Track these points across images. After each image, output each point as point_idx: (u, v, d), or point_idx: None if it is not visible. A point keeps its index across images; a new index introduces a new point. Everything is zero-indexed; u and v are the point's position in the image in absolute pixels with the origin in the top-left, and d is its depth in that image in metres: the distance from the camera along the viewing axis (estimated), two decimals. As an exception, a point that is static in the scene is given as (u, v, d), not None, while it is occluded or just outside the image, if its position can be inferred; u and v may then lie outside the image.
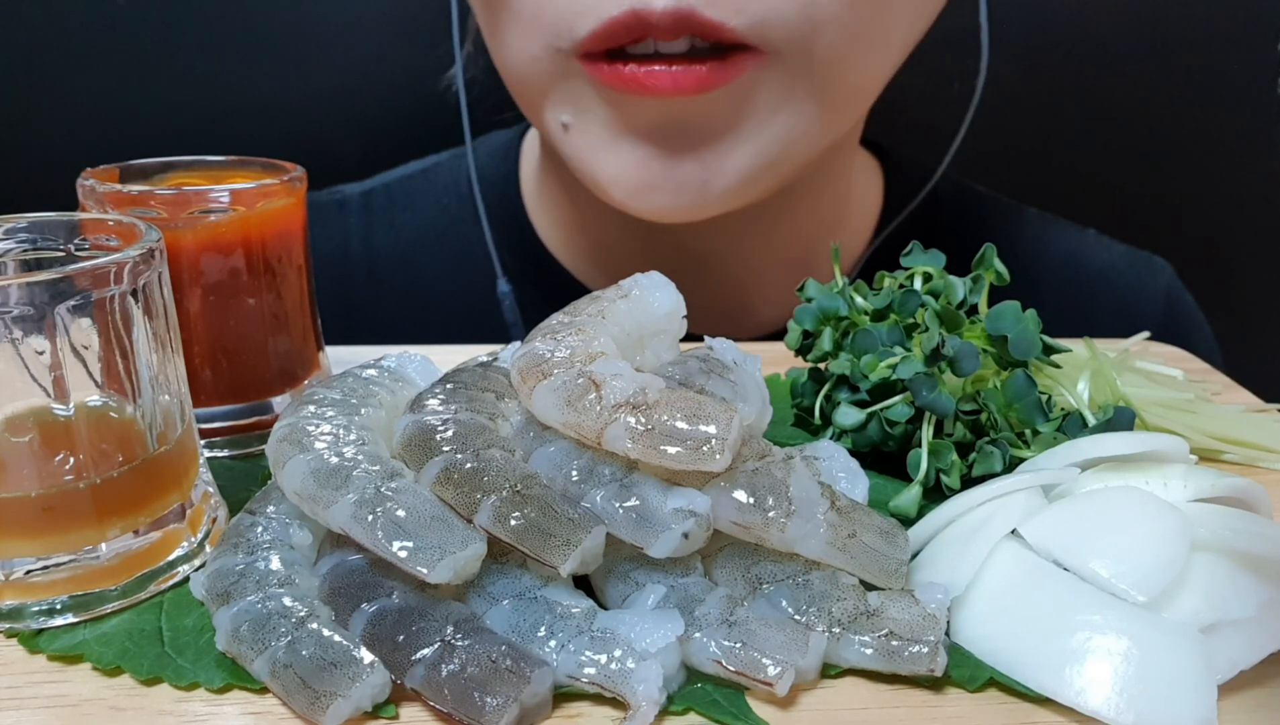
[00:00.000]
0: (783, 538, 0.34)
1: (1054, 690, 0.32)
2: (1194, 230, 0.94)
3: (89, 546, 0.35)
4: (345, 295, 0.75)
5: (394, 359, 0.45)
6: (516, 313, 0.71)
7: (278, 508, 0.38)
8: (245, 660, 0.33)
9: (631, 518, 0.34)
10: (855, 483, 0.41)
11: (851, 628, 0.33)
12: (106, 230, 0.39)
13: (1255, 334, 0.98)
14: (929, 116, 0.72)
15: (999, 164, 0.85)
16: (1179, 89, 0.90)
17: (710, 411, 0.35)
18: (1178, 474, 0.38)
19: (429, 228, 0.76)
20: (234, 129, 0.84)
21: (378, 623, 0.33)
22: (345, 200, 0.77)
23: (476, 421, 0.38)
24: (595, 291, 0.43)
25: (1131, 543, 0.34)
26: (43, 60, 0.81)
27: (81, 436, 0.35)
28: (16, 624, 0.35)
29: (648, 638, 0.32)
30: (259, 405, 0.48)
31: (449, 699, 0.31)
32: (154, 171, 0.49)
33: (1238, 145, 0.92)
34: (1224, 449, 0.48)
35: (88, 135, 0.83)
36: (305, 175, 0.48)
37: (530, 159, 0.74)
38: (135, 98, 0.83)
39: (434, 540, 0.33)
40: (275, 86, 0.84)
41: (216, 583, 0.35)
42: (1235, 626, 0.33)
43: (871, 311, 0.48)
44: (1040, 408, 0.44)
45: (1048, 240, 0.78)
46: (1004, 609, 0.35)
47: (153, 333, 0.37)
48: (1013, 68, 0.84)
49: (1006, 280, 0.47)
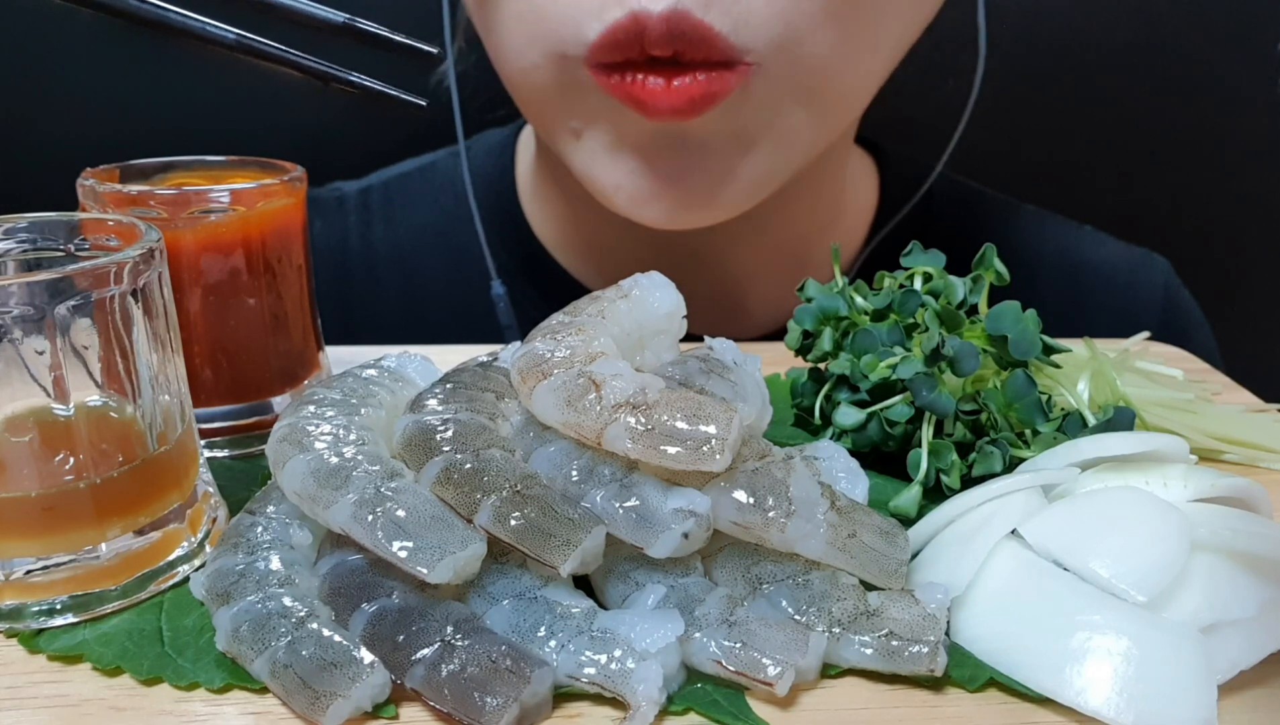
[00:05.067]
0: (783, 538, 0.34)
1: (1054, 690, 0.32)
2: (1194, 231, 0.94)
3: (89, 546, 0.35)
4: (344, 292, 0.75)
5: (394, 359, 0.45)
6: (511, 316, 0.71)
7: (278, 508, 0.38)
8: (245, 660, 0.33)
9: (631, 518, 0.34)
10: (855, 483, 0.41)
11: (851, 628, 0.33)
12: (106, 230, 0.39)
13: (1255, 334, 0.98)
14: (924, 113, 0.72)
15: (995, 161, 0.85)
16: (1178, 87, 0.90)
17: (710, 411, 0.35)
18: (1178, 474, 0.38)
19: (427, 226, 0.77)
20: (234, 129, 0.84)
21: (378, 623, 0.33)
22: (344, 197, 0.78)
23: (476, 421, 0.38)
24: (595, 291, 0.43)
25: (1131, 543, 0.34)
26: (43, 60, 0.81)
27: (81, 436, 0.35)
28: (16, 624, 0.35)
29: (648, 638, 0.32)
30: (259, 405, 0.48)
31: (449, 699, 0.31)
32: (154, 171, 0.49)
33: (1237, 145, 0.92)
34: (1224, 449, 0.48)
35: (88, 135, 0.83)
36: (305, 175, 0.48)
37: (526, 157, 0.74)
38: (135, 98, 0.83)
39: (434, 540, 0.33)
40: (275, 86, 0.84)
41: (216, 583, 0.35)
42: (1235, 626, 0.33)
43: (871, 311, 0.48)
44: (1040, 408, 0.44)
45: (1045, 237, 0.78)
46: (1004, 609, 0.35)
47: (153, 333, 0.37)
48: (1010, 64, 0.84)
49: (1006, 280, 0.47)
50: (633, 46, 0.51)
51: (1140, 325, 0.57)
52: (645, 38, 0.50)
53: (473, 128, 0.73)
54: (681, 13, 0.49)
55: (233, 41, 0.73)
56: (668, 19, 0.49)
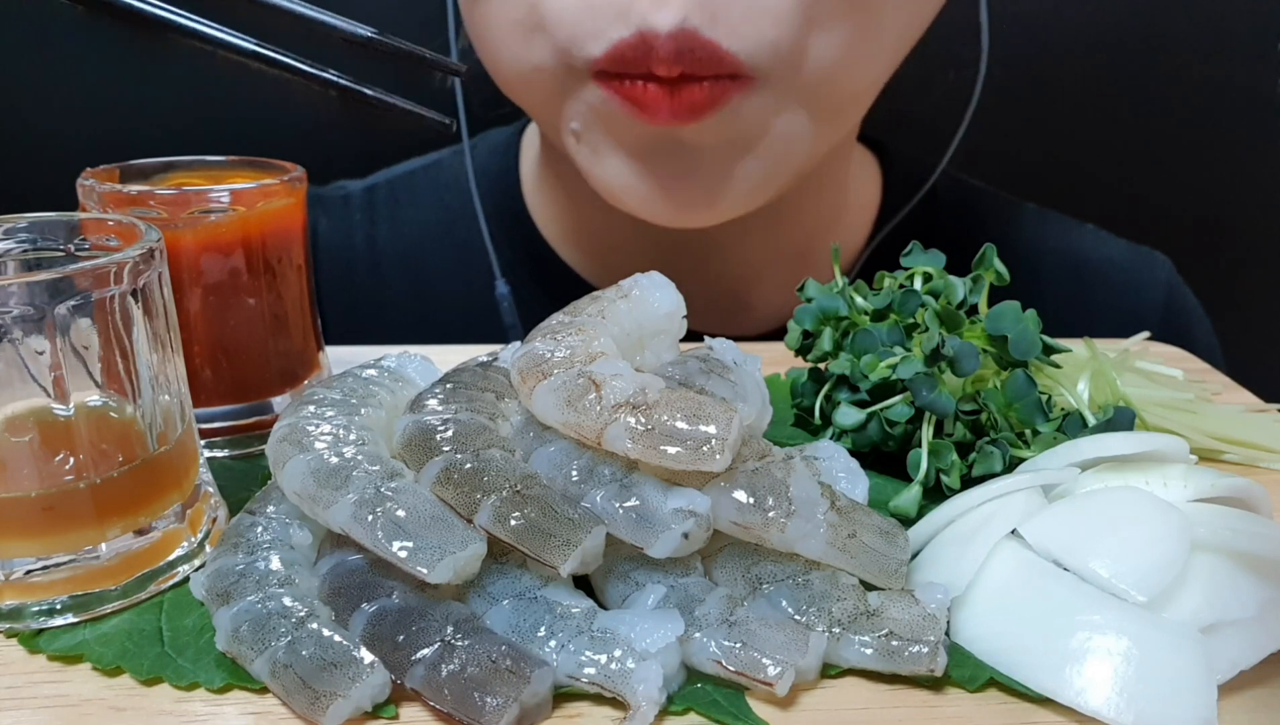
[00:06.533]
0: (783, 538, 0.34)
1: (1054, 690, 0.32)
2: (1194, 231, 0.94)
3: (89, 546, 0.35)
4: (349, 291, 0.75)
5: (394, 359, 0.45)
6: (515, 315, 0.71)
7: (278, 508, 0.38)
8: (245, 660, 0.33)
9: (631, 518, 0.34)
10: (855, 483, 0.41)
11: (851, 628, 0.33)
12: (106, 230, 0.39)
13: (1255, 334, 0.98)
14: (927, 111, 0.72)
15: (997, 160, 0.85)
16: (1179, 85, 0.89)
17: (710, 411, 0.35)
18: (1178, 474, 0.38)
19: (431, 225, 0.77)
20: (234, 129, 0.84)
21: (378, 623, 0.33)
22: (349, 195, 0.78)
23: (476, 421, 0.38)
24: (596, 291, 0.43)
25: (1131, 543, 0.34)
26: (43, 60, 0.81)
27: (81, 436, 0.35)
28: (16, 624, 0.35)
29: (648, 638, 0.32)
30: (259, 405, 0.48)
31: (449, 699, 0.31)
32: (154, 171, 0.49)
33: (1239, 143, 0.92)
34: (1224, 449, 0.48)
35: (88, 135, 0.83)
36: (305, 175, 0.48)
37: (530, 154, 0.74)
38: (135, 98, 0.83)
39: (434, 540, 0.33)
40: (275, 86, 0.84)
41: (216, 583, 0.35)
42: (1235, 626, 0.33)
43: (871, 311, 0.48)
44: (1040, 408, 0.44)
45: (1046, 235, 0.78)
46: (1004, 609, 0.35)
47: (153, 333, 0.37)
48: (1012, 63, 0.84)
49: (1007, 280, 0.47)
50: (639, 65, 0.50)
51: (1142, 323, 0.58)
52: (653, 56, 0.50)
53: (476, 124, 0.73)
54: (689, 31, 0.49)
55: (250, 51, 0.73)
56: (675, 37, 0.49)
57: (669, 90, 0.51)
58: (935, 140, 0.72)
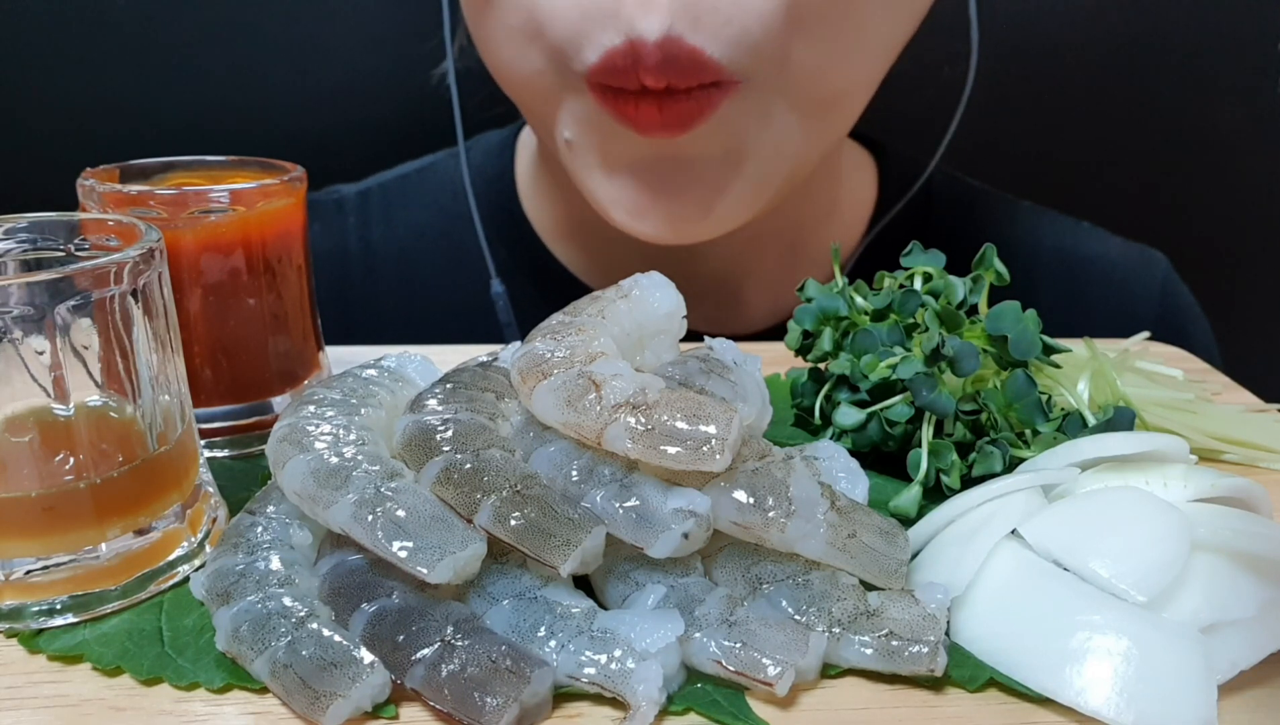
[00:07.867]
0: (783, 538, 0.34)
1: (1054, 690, 0.32)
2: (1193, 231, 0.94)
3: (89, 546, 0.35)
4: (344, 295, 0.75)
5: (394, 359, 0.45)
6: (510, 313, 0.71)
7: (278, 508, 0.38)
8: (245, 660, 0.33)
9: (631, 518, 0.34)
10: (855, 483, 0.41)
11: (851, 628, 0.33)
12: (106, 230, 0.39)
13: (1255, 334, 0.98)
14: (921, 108, 0.72)
15: (993, 158, 0.85)
16: (1177, 83, 0.90)
17: (710, 411, 0.35)
18: (1178, 474, 0.38)
19: (426, 227, 0.77)
20: (234, 129, 0.84)
21: (378, 623, 0.33)
22: (343, 200, 0.78)
23: (476, 421, 0.38)
24: (595, 291, 0.43)
25: (1131, 543, 0.34)
26: (43, 60, 0.81)
27: (81, 436, 0.35)
28: (16, 624, 0.35)
29: (648, 638, 0.32)
30: (259, 405, 0.48)
31: (449, 699, 0.31)
32: (154, 171, 0.49)
33: (1237, 142, 0.92)
34: (1224, 449, 0.48)
35: (88, 135, 0.83)
36: (305, 175, 0.48)
37: (526, 156, 0.74)
38: (135, 98, 0.83)
39: (434, 540, 0.33)
40: (274, 86, 0.84)
41: (216, 583, 0.35)
42: (1235, 626, 0.33)
43: (871, 311, 0.48)
44: (1040, 408, 0.44)
45: (1042, 233, 0.78)
46: (1004, 609, 0.35)
47: (153, 333, 0.37)
48: (1007, 61, 0.84)
49: (1006, 281, 0.47)
50: (629, 75, 0.51)
51: (1138, 321, 0.58)
52: (641, 65, 0.51)
53: (471, 125, 0.74)
54: (674, 38, 0.50)
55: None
56: (662, 45, 0.50)
57: (659, 105, 0.52)
58: (931, 138, 0.72)
